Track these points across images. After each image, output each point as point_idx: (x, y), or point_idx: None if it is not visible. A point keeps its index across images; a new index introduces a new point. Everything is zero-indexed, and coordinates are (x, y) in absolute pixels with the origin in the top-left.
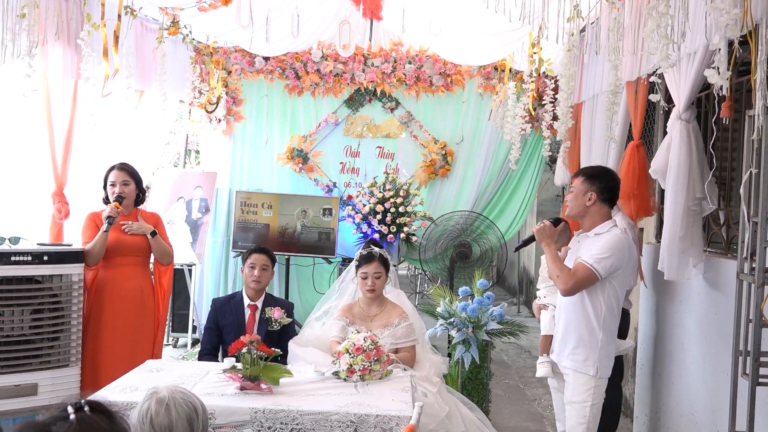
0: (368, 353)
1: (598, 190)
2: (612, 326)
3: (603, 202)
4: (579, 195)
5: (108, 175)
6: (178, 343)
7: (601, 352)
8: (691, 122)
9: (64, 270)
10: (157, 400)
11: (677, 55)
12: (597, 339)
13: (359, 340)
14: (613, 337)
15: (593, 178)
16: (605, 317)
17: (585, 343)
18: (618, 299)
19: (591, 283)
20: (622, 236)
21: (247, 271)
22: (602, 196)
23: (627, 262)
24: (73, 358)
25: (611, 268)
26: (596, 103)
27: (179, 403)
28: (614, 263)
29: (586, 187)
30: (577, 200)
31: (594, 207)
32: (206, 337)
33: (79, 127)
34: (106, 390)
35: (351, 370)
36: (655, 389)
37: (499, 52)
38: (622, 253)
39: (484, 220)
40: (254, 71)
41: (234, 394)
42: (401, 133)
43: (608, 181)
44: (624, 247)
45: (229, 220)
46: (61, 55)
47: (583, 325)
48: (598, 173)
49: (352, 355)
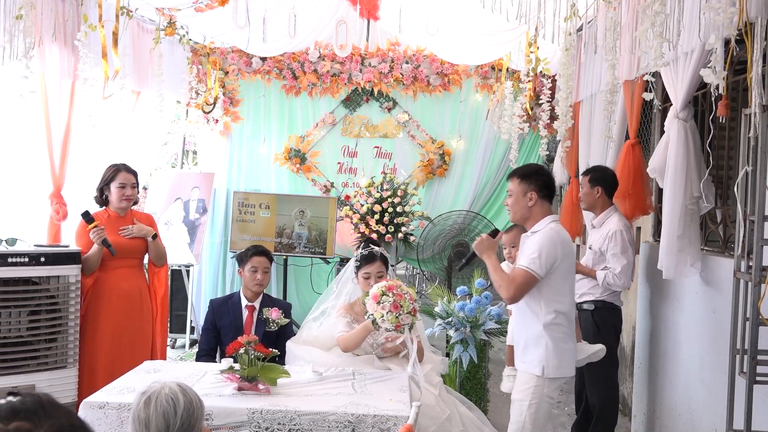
0: (399, 295)
1: (537, 188)
2: (561, 325)
3: (543, 199)
4: (519, 197)
5: (114, 176)
6: (176, 344)
7: (549, 353)
8: (688, 121)
9: (61, 271)
10: (143, 393)
11: (672, 54)
12: (542, 340)
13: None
14: (565, 336)
15: (529, 177)
16: (548, 317)
17: (531, 345)
18: (562, 295)
19: (531, 285)
20: (554, 231)
21: (249, 274)
22: (542, 193)
23: (562, 255)
24: (70, 359)
25: (547, 265)
26: (594, 102)
27: (161, 398)
28: (548, 259)
29: (524, 187)
30: (518, 203)
31: (536, 206)
32: (204, 338)
33: (77, 128)
34: (104, 391)
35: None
36: (653, 388)
37: (496, 51)
38: (554, 247)
39: (482, 219)
40: (251, 72)
41: (231, 395)
42: (399, 133)
43: (544, 177)
44: (555, 240)
45: (226, 220)
46: (58, 57)
47: (527, 327)
48: (533, 171)
49: (387, 300)
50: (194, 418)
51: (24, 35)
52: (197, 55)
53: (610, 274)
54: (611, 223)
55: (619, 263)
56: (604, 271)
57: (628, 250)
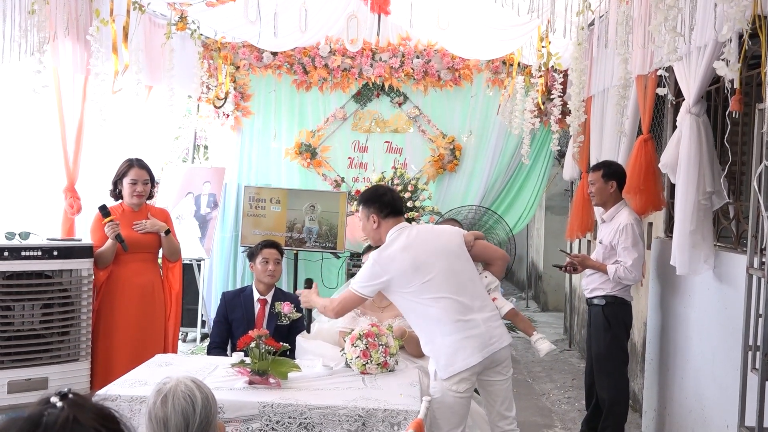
0: (372, 344)
1: (377, 210)
2: (431, 327)
3: (386, 219)
4: (366, 223)
5: (127, 171)
6: (187, 338)
7: (432, 354)
8: (701, 116)
9: (73, 265)
10: (158, 391)
11: (685, 48)
12: (426, 347)
13: (360, 332)
14: (440, 336)
15: (367, 203)
16: (417, 323)
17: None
18: (422, 299)
19: (354, 302)
20: (374, 264)
21: (260, 266)
22: (383, 215)
23: (394, 272)
24: (83, 352)
25: (372, 286)
26: (606, 97)
27: (178, 396)
28: (373, 280)
29: (365, 212)
30: (367, 230)
31: (380, 228)
32: (215, 331)
33: (90, 122)
34: (116, 384)
35: (363, 371)
36: (664, 384)
37: (508, 46)
38: (379, 268)
39: (493, 214)
40: (262, 66)
41: (243, 389)
42: (409, 128)
43: (384, 195)
44: (378, 262)
45: (237, 215)
46: (71, 51)
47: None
48: (369, 195)
49: (360, 345)
50: (211, 414)
51: (38, 30)
52: (208, 50)
53: (621, 268)
54: (622, 216)
55: (630, 256)
56: (615, 266)
57: (639, 244)
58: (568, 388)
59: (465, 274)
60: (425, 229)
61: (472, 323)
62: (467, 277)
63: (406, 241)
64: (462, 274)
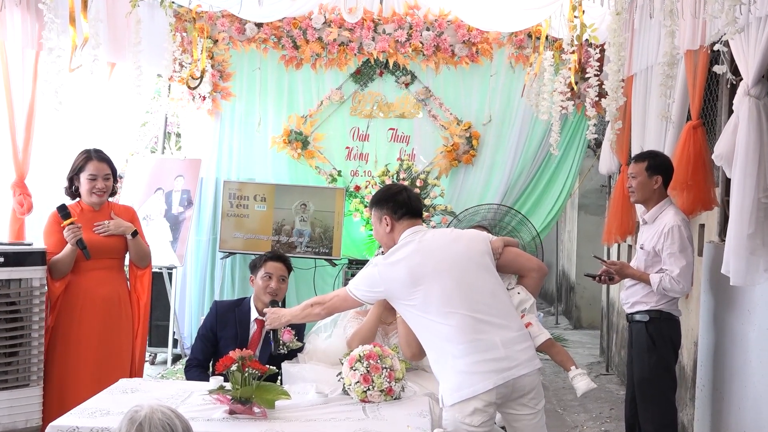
0: (375, 366)
1: (390, 211)
2: (443, 346)
3: (401, 220)
4: (378, 227)
5: (84, 165)
6: (156, 359)
7: (439, 376)
8: (761, 99)
9: (23, 274)
10: (130, 420)
11: (746, 18)
12: (433, 366)
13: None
14: (451, 358)
15: (380, 203)
16: (427, 339)
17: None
18: (429, 315)
19: (347, 303)
20: (375, 268)
21: (261, 282)
22: (397, 216)
23: (391, 283)
24: (34, 376)
25: (368, 293)
26: (650, 76)
27: (156, 424)
28: (369, 287)
29: (378, 214)
30: (380, 235)
31: (394, 232)
32: (198, 346)
33: (42, 106)
34: (73, 414)
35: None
36: (718, 414)
37: (534, 16)
38: (378, 277)
39: (516, 214)
40: (245, 40)
41: (222, 419)
42: (418, 113)
43: (398, 194)
44: (378, 269)
45: (215, 215)
46: (20, 23)
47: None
48: (382, 195)
49: (360, 368)
50: None
51: None
52: (181, 21)
53: (666, 278)
54: (666, 217)
55: (677, 264)
56: (659, 275)
57: (687, 249)
58: (605, 419)
59: (485, 286)
60: (440, 234)
61: (488, 343)
62: (488, 290)
63: (414, 248)
64: (480, 286)
